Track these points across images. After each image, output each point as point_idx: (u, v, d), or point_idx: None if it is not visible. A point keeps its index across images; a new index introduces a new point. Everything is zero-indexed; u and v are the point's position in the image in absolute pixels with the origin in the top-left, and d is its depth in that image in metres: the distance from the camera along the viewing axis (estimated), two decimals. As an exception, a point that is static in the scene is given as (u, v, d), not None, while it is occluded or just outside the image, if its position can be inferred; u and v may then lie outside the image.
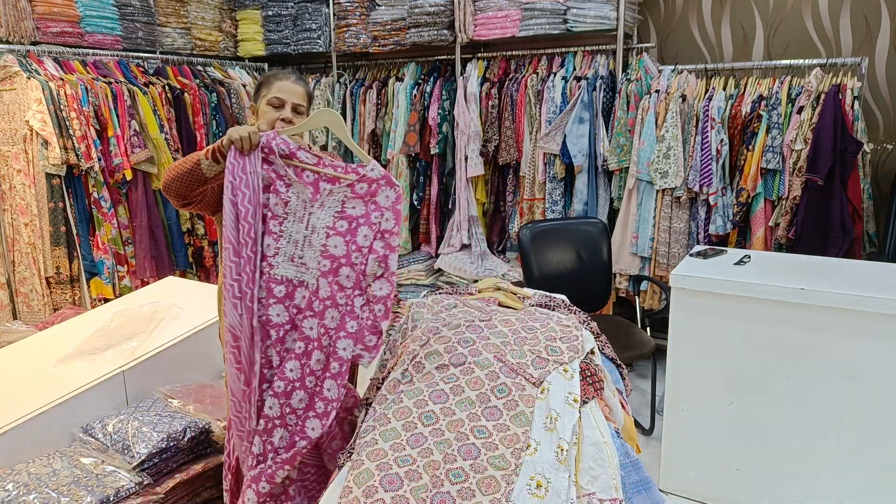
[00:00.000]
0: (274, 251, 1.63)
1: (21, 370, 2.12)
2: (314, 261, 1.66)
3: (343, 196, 1.66)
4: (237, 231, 1.57)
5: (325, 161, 1.67)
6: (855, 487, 2.17)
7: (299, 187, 1.65)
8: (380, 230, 1.67)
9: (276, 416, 1.63)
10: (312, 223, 1.65)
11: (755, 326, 2.24)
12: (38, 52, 3.29)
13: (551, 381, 1.44)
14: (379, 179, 1.66)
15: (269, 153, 1.62)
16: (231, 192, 1.58)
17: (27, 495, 1.62)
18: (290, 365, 1.64)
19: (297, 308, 1.66)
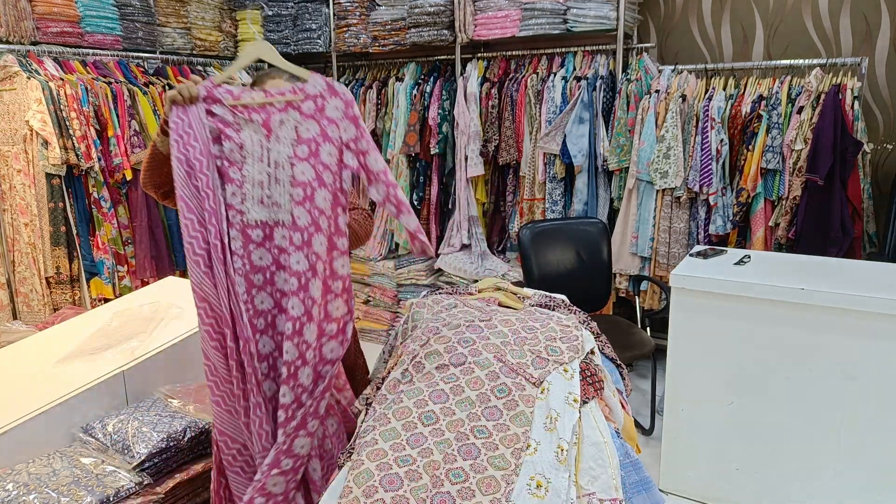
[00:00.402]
0: (241, 198, 1.60)
1: (21, 370, 2.12)
2: (284, 197, 1.62)
3: (294, 122, 1.62)
4: (194, 186, 1.53)
5: (270, 92, 1.65)
6: (855, 487, 2.17)
7: (251, 128, 1.61)
8: (343, 143, 1.63)
9: (293, 358, 1.59)
10: (273, 159, 1.61)
11: (755, 326, 2.24)
12: (38, 52, 3.29)
13: (551, 381, 1.44)
14: (322, 92, 1.63)
15: (213, 102, 1.59)
16: (179, 148, 1.54)
17: (27, 495, 1.62)
18: (291, 303, 1.60)
19: (278, 248, 1.63)
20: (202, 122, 1.56)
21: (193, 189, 1.54)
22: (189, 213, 1.53)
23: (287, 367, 1.59)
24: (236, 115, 1.60)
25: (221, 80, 1.66)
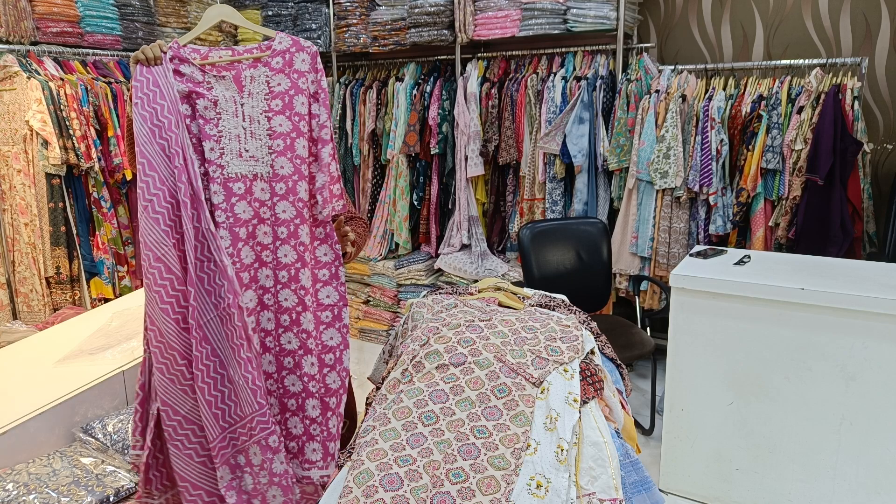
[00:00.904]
0: (219, 153, 1.61)
1: (21, 370, 2.12)
2: (262, 150, 1.65)
3: (265, 77, 1.66)
4: (160, 145, 1.50)
5: (237, 51, 1.68)
6: (855, 487, 2.17)
7: (223, 85, 1.63)
8: (311, 94, 1.69)
9: (294, 304, 1.67)
10: (248, 114, 1.64)
11: (755, 326, 2.24)
12: (38, 52, 3.29)
13: (551, 381, 1.44)
14: (290, 48, 1.68)
15: (181, 62, 1.59)
16: (143, 106, 1.50)
17: (27, 495, 1.62)
18: (283, 251, 1.67)
19: (258, 201, 1.66)
20: (169, 82, 1.54)
21: (159, 147, 1.50)
22: (151, 171, 1.49)
23: (288, 313, 1.67)
24: (206, 74, 1.61)
25: (187, 42, 1.65)
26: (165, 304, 1.50)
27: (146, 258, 1.49)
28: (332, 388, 1.74)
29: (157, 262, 1.49)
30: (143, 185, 1.48)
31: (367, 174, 4.25)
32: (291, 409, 1.72)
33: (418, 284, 3.95)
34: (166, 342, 1.51)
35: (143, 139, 1.49)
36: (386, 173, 4.13)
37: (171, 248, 1.50)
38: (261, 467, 1.61)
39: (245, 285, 1.64)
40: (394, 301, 4.06)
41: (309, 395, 1.70)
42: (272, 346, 1.70)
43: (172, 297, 1.51)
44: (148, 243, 1.49)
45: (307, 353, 1.70)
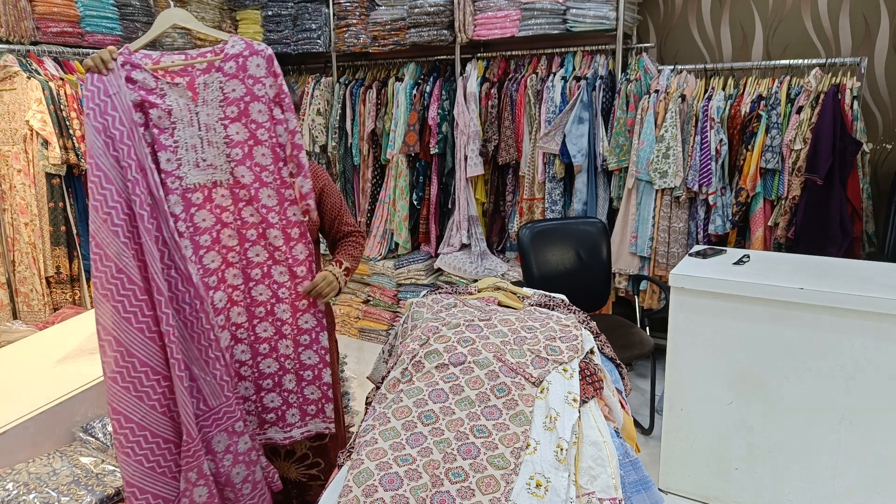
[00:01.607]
0: (176, 163, 1.60)
1: (21, 370, 2.12)
2: (220, 158, 1.65)
3: (219, 83, 1.64)
4: (113, 157, 1.48)
5: (190, 55, 1.65)
6: (854, 487, 2.18)
7: (176, 92, 1.61)
8: (270, 100, 1.68)
9: (268, 297, 1.74)
10: (203, 122, 1.63)
11: (755, 326, 2.24)
12: (38, 51, 3.29)
13: (551, 381, 1.44)
14: (242, 52, 1.65)
15: (133, 68, 1.56)
16: (96, 117, 1.47)
17: (27, 495, 1.62)
18: (254, 251, 1.71)
19: (220, 208, 1.67)
20: (122, 91, 1.51)
21: (113, 159, 1.48)
22: (107, 184, 1.47)
23: (263, 306, 1.75)
24: (158, 80, 1.59)
25: (138, 47, 1.62)
26: (129, 312, 1.50)
27: (107, 269, 1.49)
28: (308, 364, 1.84)
29: (119, 273, 1.49)
30: (101, 198, 1.47)
31: (367, 174, 4.25)
32: (267, 387, 1.81)
33: (418, 284, 3.96)
34: (125, 350, 1.51)
35: (98, 151, 1.47)
36: (386, 173, 4.13)
37: (131, 258, 1.50)
38: (225, 451, 1.68)
39: (213, 287, 1.68)
40: (393, 301, 4.06)
41: (285, 371, 1.81)
42: (245, 336, 1.76)
43: (136, 306, 1.51)
44: (109, 255, 1.48)
45: (282, 337, 1.80)
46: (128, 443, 1.54)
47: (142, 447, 1.57)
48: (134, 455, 1.55)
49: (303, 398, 1.86)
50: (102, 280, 1.49)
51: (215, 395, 1.64)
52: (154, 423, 1.56)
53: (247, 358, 1.77)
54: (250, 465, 1.73)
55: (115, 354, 1.51)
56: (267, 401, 1.82)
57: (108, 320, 1.50)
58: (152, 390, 1.55)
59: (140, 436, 1.55)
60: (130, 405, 1.54)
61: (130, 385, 1.53)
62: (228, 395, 1.66)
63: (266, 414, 1.83)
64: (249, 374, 1.78)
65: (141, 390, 1.54)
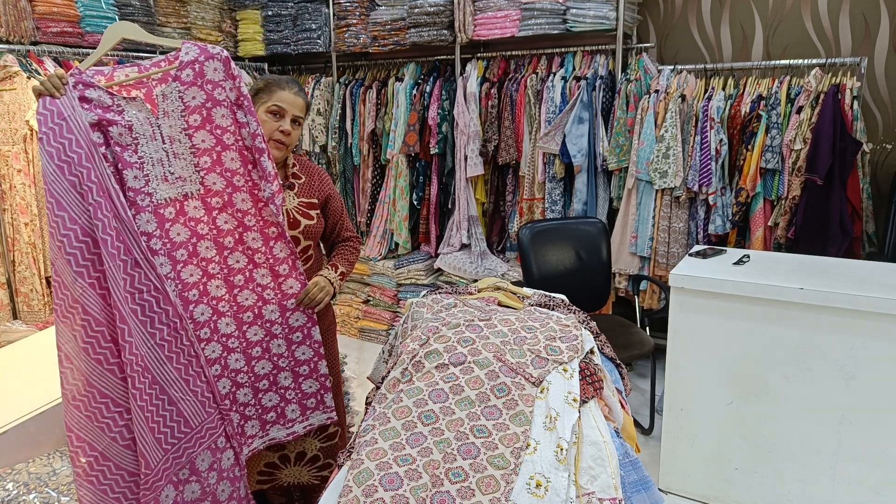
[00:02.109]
0: (143, 180, 1.55)
1: (21, 370, 2.12)
2: (188, 169, 1.62)
3: (178, 93, 1.60)
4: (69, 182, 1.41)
5: (143, 66, 1.61)
6: (855, 487, 2.18)
7: (135, 107, 1.56)
8: (232, 103, 1.65)
9: (253, 301, 1.74)
10: (166, 134, 1.59)
11: (755, 326, 2.24)
12: (38, 52, 3.29)
13: (551, 381, 1.44)
14: (198, 58, 1.61)
15: (86, 87, 1.50)
16: (49, 142, 1.40)
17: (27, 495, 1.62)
18: (233, 258, 1.70)
19: (194, 220, 1.64)
20: (76, 112, 1.44)
21: (69, 184, 1.41)
22: (60, 211, 1.40)
23: (251, 310, 1.74)
24: (114, 97, 1.53)
25: (88, 66, 1.57)
26: (86, 343, 1.44)
27: (65, 297, 1.43)
28: (303, 359, 1.85)
29: (74, 302, 1.42)
30: (55, 225, 1.40)
31: (367, 174, 4.25)
32: (264, 388, 1.81)
33: (418, 284, 3.96)
34: (85, 380, 1.46)
35: (51, 177, 1.40)
36: (386, 173, 4.13)
37: (87, 287, 1.43)
38: (209, 468, 1.65)
39: (193, 301, 1.65)
40: (393, 301, 4.06)
41: (280, 370, 1.82)
42: (236, 345, 1.74)
43: (93, 336, 1.45)
44: (66, 283, 1.42)
45: (274, 337, 1.79)
46: (92, 472, 1.49)
47: (106, 477, 1.52)
48: (98, 484, 1.50)
49: (301, 393, 1.86)
50: (62, 307, 1.43)
51: (196, 415, 1.61)
52: (117, 455, 1.51)
53: (241, 366, 1.76)
54: (235, 482, 1.72)
55: (76, 383, 1.46)
56: (265, 401, 1.82)
57: (70, 348, 1.45)
58: (113, 422, 1.49)
59: (104, 465, 1.50)
60: (94, 435, 1.49)
61: (92, 415, 1.48)
62: (210, 411, 1.64)
63: (266, 414, 1.83)
64: (246, 380, 1.78)
65: (102, 421, 1.48)
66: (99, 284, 1.44)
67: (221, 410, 1.68)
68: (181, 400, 1.57)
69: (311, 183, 1.98)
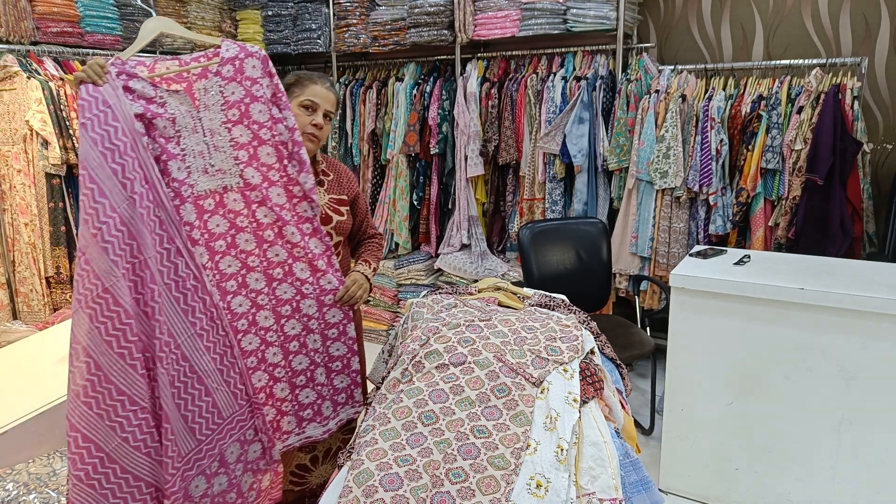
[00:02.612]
0: (185, 172, 1.58)
1: (21, 370, 2.12)
2: (228, 162, 1.64)
3: (218, 87, 1.63)
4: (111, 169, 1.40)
5: (184, 60, 1.63)
6: (855, 487, 2.18)
7: (177, 99, 1.58)
8: (268, 99, 1.69)
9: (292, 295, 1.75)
10: (207, 127, 1.61)
11: (755, 326, 2.24)
12: (38, 51, 3.29)
13: (551, 381, 1.44)
14: (238, 55, 1.66)
15: (129, 77, 1.50)
16: (94, 128, 1.39)
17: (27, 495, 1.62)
18: (273, 251, 1.71)
19: (233, 212, 1.66)
20: (121, 101, 1.44)
21: (111, 171, 1.40)
22: (101, 198, 1.38)
23: (289, 304, 1.75)
24: (157, 88, 1.55)
25: (129, 56, 1.58)
26: (111, 336, 1.41)
27: (93, 287, 1.39)
28: (337, 356, 1.86)
29: (104, 292, 1.39)
30: (92, 212, 1.38)
31: (367, 174, 4.25)
32: (300, 384, 1.82)
33: (418, 284, 3.95)
34: (103, 375, 1.42)
35: (94, 164, 1.38)
36: (386, 173, 4.13)
37: (119, 278, 1.40)
38: (237, 461, 1.67)
39: (232, 292, 1.66)
40: (394, 301, 4.06)
41: (316, 366, 1.83)
42: (274, 339, 1.75)
43: (119, 329, 1.42)
44: (97, 272, 1.39)
45: (310, 332, 1.80)
46: (95, 474, 1.44)
47: (109, 480, 1.46)
48: (100, 488, 1.45)
49: (333, 389, 1.87)
50: (88, 298, 1.39)
51: (229, 405, 1.63)
52: (126, 457, 1.46)
53: (279, 360, 1.76)
54: (257, 473, 1.73)
55: (90, 379, 1.41)
56: (302, 397, 1.83)
57: (89, 342, 1.40)
58: (127, 421, 1.44)
59: (110, 467, 1.45)
60: (103, 434, 1.43)
61: (104, 413, 1.42)
62: (242, 403, 1.65)
63: (303, 411, 1.83)
64: (283, 374, 1.78)
65: (115, 420, 1.43)
66: (130, 275, 1.43)
67: (252, 403, 1.68)
68: (216, 390, 1.59)
69: (340, 180, 2.02)
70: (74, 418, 1.42)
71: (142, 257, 1.44)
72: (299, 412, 1.83)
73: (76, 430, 1.42)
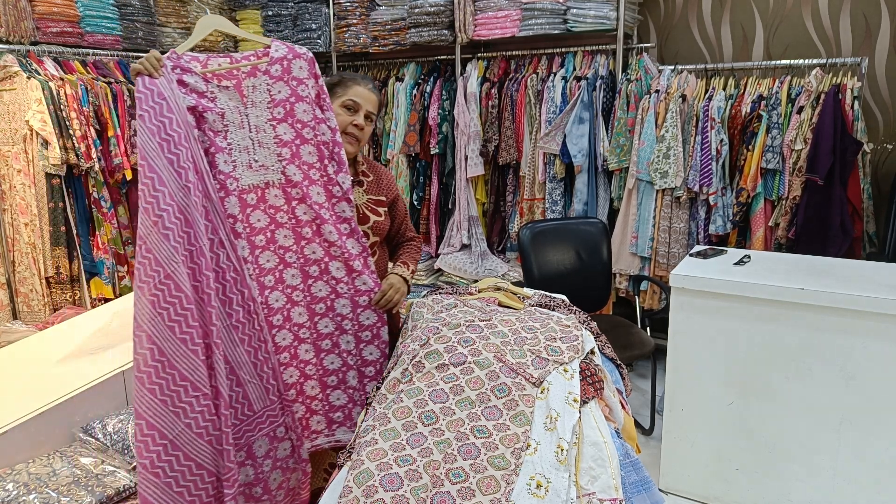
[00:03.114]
0: (231, 165, 1.61)
1: (21, 370, 2.12)
2: (271, 159, 1.68)
3: (266, 86, 1.68)
4: (168, 159, 1.44)
5: (235, 58, 1.67)
6: (855, 487, 2.17)
7: (227, 95, 1.62)
8: (312, 100, 1.72)
9: (327, 293, 1.76)
10: (253, 124, 1.66)
11: (755, 326, 2.24)
12: (38, 52, 3.29)
13: (551, 381, 1.44)
14: (286, 55, 1.71)
15: (184, 72, 1.56)
16: (151, 119, 1.44)
17: (27, 495, 1.62)
18: (310, 249, 1.73)
19: (273, 208, 1.69)
20: (175, 94, 1.49)
21: (167, 161, 1.44)
22: (160, 186, 1.43)
23: (323, 301, 1.76)
24: (209, 83, 1.60)
25: (185, 51, 1.63)
26: (173, 321, 1.44)
27: (155, 274, 1.43)
28: (370, 360, 1.85)
29: (166, 279, 1.44)
30: (153, 200, 1.42)
31: (367, 174, 4.25)
32: (332, 384, 1.82)
33: (418, 284, 3.95)
34: (166, 360, 1.44)
35: (153, 153, 1.43)
36: (386, 173, 4.13)
37: (180, 264, 1.44)
38: (265, 456, 1.67)
39: (270, 287, 1.68)
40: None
41: (348, 367, 1.82)
42: (307, 336, 1.76)
43: (181, 315, 1.45)
44: (159, 259, 1.43)
45: (343, 332, 1.80)
46: (159, 462, 1.45)
47: (173, 469, 1.47)
48: (164, 476, 1.46)
49: (365, 394, 1.86)
50: (151, 285, 1.43)
51: (260, 399, 1.63)
52: (188, 443, 1.48)
53: (310, 357, 1.77)
54: (286, 472, 1.72)
55: (153, 365, 1.43)
56: (333, 398, 1.82)
57: (153, 328, 1.43)
58: (190, 407, 1.46)
59: (173, 455, 1.46)
60: (166, 420, 1.45)
61: (167, 399, 1.45)
62: (273, 399, 1.65)
63: (334, 413, 1.83)
64: (314, 372, 1.78)
65: (178, 406, 1.46)
66: (188, 262, 1.47)
67: (283, 400, 1.68)
68: (248, 382, 1.60)
69: (380, 182, 2.01)
70: (140, 406, 1.44)
71: (198, 245, 1.48)
72: (329, 413, 1.82)
73: (141, 418, 1.44)
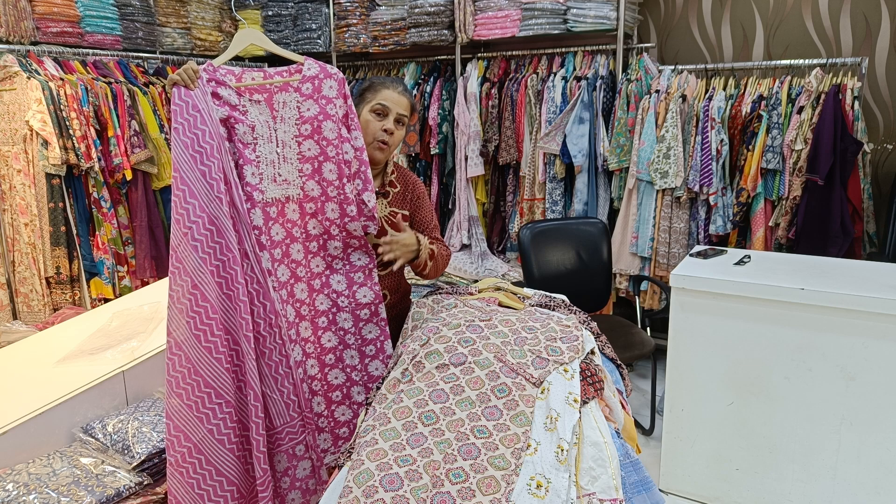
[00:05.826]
0: (258, 178, 1.64)
1: (21, 370, 2.12)
2: (293, 174, 1.71)
3: (296, 102, 1.71)
4: (200, 171, 1.48)
5: (268, 73, 1.70)
6: (855, 488, 2.17)
7: (257, 109, 1.65)
8: (339, 118, 1.74)
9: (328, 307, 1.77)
10: (281, 139, 1.68)
11: (755, 326, 2.24)
12: (38, 52, 3.28)
13: (551, 381, 1.44)
14: (318, 74, 1.73)
15: (218, 84, 1.58)
16: (185, 132, 1.48)
17: (27, 495, 1.62)
18: (315, 262, 1.76)
19: (290, 222, 1.71)
20: (209, 106, 1.53)
21: (199, 173, 1.49)
22: (191, 199, 1.47)
23: (325, 315, 1.77)
24: (241, 97, 1.63)
25: (221, 63, 1.66)
26: (199, 330, 1.49)
27: (184, 283, 1.47)
28: (375, 375, 1.85)
29: (194, 288, 1.48)
30: (184, 212, 1.47)
31: (367, 174, 4.25)
32: (337, 400, 1.82)
33: (418, 284, 3.95)
34: (192, 367, 1.50)
35: (185, 166, 1.48)
36: (386, 173, 4.13)
37: (207, 274, 1.49)
38: (284, 473, 1.67)
39: (284, 301, 1.68)
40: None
41: (353, 383, 1.82)
42: (312, 350, 1.76)
43: (206, 324, 1.50)
44: (187, 269, 1.48)
45: (347, 347, 1.81)
46: (184, 463, 1.52)
47: (196, 471, 1.54)
48: (187, 477, 1.53)
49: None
50: (179, 294, 1.48)
51: (280, 415, 1.63)
52: (209, 448, 1.53)
53: (315, 372, 1.76)
54: (306, 494, 1.72)
55: (181, 371, 1.49)
56: (338, 414, 1.82)
57: (181, 335, 1.49)
58: (213, 413, 1.52)
59: (196, 458, 1.52)
60: (191, 425, 1.51)
61: (193, 404, 1.51)
62: (293, 416, 1.65)
63: (339, 429, 1.82)
64: (320, 388, 1.78)
65: (202, 411, 1.51)
66: (218, 273, 1.51)
67: (304, 418, 1.68)
68: (268, 397, 1.60)
69: (405, 194, 1.96)
70: (169, 408, 1.52)
71: (230, 255, 1.51)
72: (335, 430, 1.82)
73: (170, 419, 1.52)
